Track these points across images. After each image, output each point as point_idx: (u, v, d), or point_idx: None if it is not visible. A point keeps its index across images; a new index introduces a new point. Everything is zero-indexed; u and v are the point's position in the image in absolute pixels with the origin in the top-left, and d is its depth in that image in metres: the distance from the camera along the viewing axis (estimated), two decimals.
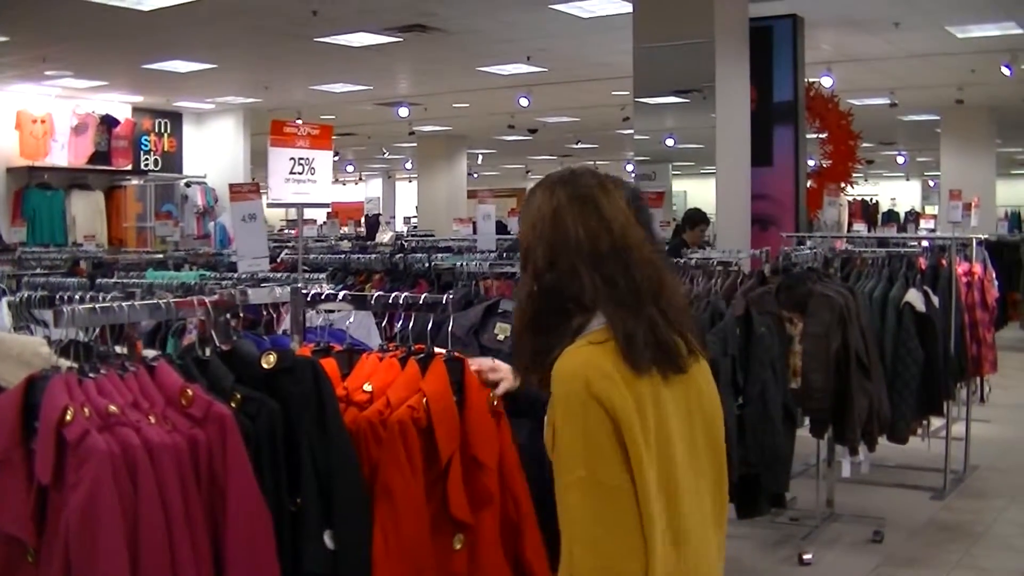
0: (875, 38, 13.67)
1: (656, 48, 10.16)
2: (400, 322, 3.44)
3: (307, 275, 6.23)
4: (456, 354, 3.20)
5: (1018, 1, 11.78)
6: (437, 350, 3.19)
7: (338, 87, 18.22)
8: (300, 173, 5.46)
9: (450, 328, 3.26)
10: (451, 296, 3.33)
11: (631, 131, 11.90)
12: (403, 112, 20.46)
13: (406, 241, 13.34)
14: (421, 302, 3.29)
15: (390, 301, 3.38)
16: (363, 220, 28.85)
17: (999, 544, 7.50)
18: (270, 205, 6.04)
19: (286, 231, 22.33)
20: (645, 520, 2.39)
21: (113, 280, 5.67)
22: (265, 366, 2.83)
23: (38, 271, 7.69)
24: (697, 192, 15.13)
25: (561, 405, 2.44)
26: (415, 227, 25.38)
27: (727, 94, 10.13)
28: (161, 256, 10.21)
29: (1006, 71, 14.87)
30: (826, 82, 14.24)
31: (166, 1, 11.41)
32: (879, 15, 12.33)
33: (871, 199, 35.87)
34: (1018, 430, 11.09)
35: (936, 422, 8.57)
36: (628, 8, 10.74)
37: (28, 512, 2.50)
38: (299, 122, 5.68)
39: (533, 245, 2.58)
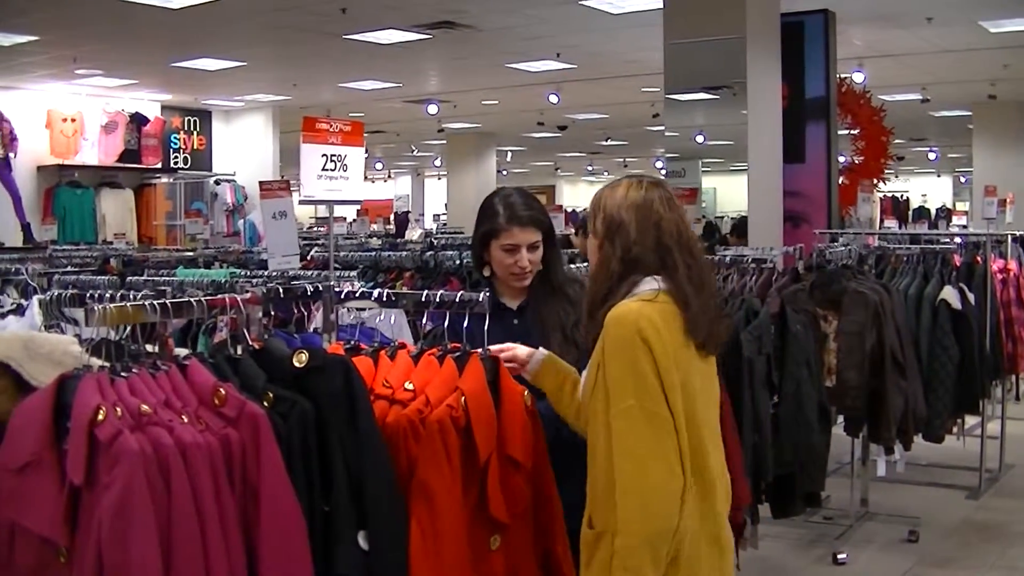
0: (907, 33, 13.55)
1: (687, 44, 10.08)
2: (433, 320, 3.41)
3: (338, 273, 6.21)
4: (491, 353, 3.17)
5: None
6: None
7: (367, 84, 18.20)
8: (332, 170, 5.43)
9: (487, 326, 3.21)
10: (487, 294, 3.28)
11: (660, 128, 11.82)
12: (432, 109, 20.43)
13: (435, 238, 13.31)
14: (457, 300, 3.25)
15: (423, 299, 3.34)
16: (392, 217, 28.85)
17: None
18: (302, 202, 6.01)
19: (315, 229, 22.35)
20: (683, 447, 2.92)
21: (144, 278, 5.66)
22: (297, 365, 2.80)
23: (68, 269, 7.70)
24: (726, 189, 15.07)
25: (614, 345, 2.95)
26: (444, 224, 25.36)
27: (759, 90, 10.05)
28: (191, 254, 10.22)
29: None
30: (857, 78, 14.15)
31: None
32: (912, 10, 12.22)
33: (902, 195, 35.65)
34: None
35: (970, 420, 8.48)
36: (658, 4, 10.66)
37: (60, 513, 2.48)
38: (331, 118, 5.64)
39: (624, 222, 3.11)
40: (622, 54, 14.99)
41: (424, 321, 3.50)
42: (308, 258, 8.90)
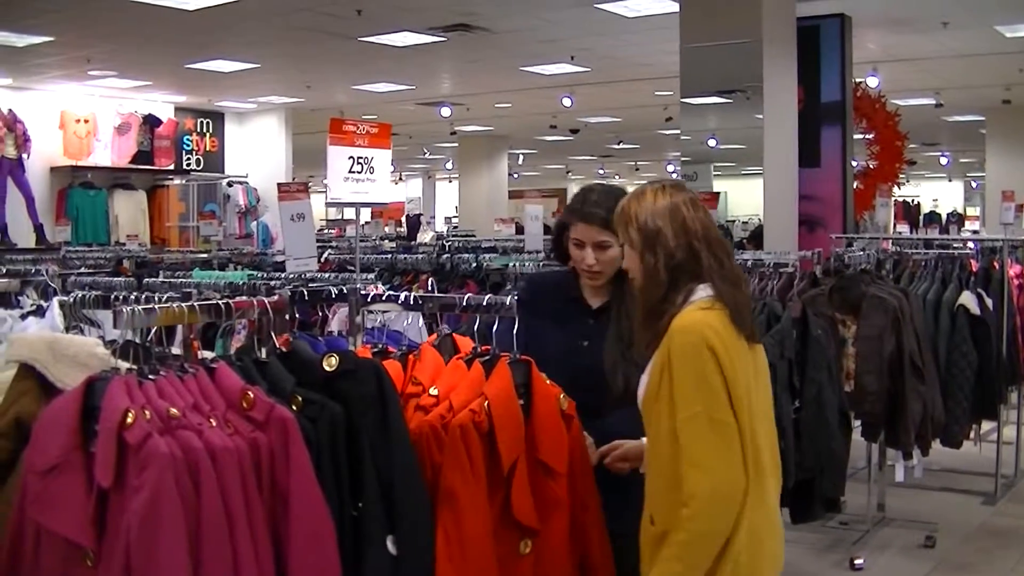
0: (923, 37, 13.52)
1: (703, 48, 10.07)
2: (449, 323, 3.40)
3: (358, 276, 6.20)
4: (523, 356, 3.15)
5: None
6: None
7: (380, 87, 18.19)
8: (359, 172, 5.41)
9: (515, 330, 3.19)
10: (516, 297, 3.27)
11: (672, 131, 11.81)
12: (445, 112, 20.43)
13: (447, 241, 13.31)
14: (485, 303, 3.24)
15: (456, 302, 3.33)
16: (404, 220, 28.86)
17: None
18: (329, 204, 6.00)
19: (326, 231, 22.35)
20: (743, 448, 2.99)
21: (160, 279, 5.66)
22: (327, 368, 2.79)
23: (82, 270, 7.70)
24: (737, 193, 15.04)
25: (680, 354, 3.00)
26: (456, 227, 25.36)
27: (775, 94, 10.03)
28: (205, 255, 10.22)
29: None
30: (872, 82, 14.10)
31: (211, 0, 11.39)
32: (927, 14, 12.18)
33: (913, 200, 35.58)
34: None
35: (986, 425, 8.44)
36: (673, 7, 10.66)
37: (88, 515, 2.46)
38: (365, 119, 5.61)
39: (660, 230, 3.15)
40: (636, 58, 14.97)
41: (440, 325, 3.47)
42: (323, 260, 8.90)
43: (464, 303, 3.32)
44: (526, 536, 3.06)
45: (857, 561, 6.98)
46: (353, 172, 5.38)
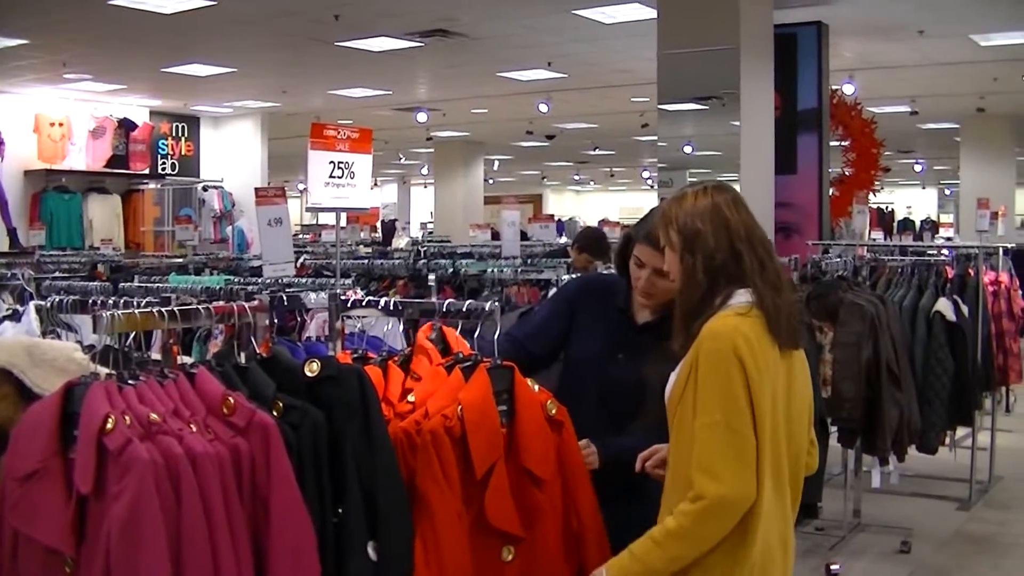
0: (899, 46, 13.59)
1: (680, 55, 10.08)
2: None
3: (333, 281, 6.18)
4: (505, 362, 3.14)
5: None
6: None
7: (357, 92, 18.18)
8: (340, 177, 5.38)
9: (496, 336, 3.18)
10: (497, 303, 3.26)
11: (648, 138, 11.82)
12: (421, 117, 20.41)
13: (423, 247, 13.31)
14: (465, 309, 3.23)
15: (435, 308, 3.32)
16: (379, 225, 28.83)
17: None
18: (309, 209, 5.98)
19: (300, 236, 22.30)
20: (760, 462, 2.95)
21: (136, 284, 5.63)
22: (308, 374, 2.77)
23: (57, 274, 7.66)
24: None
25: (708, 359, 2.97)
26: (431, 233, 25.36)
27: (752, 101, 10.05)
28: (181, 260, 10.19)
29: None
30: (848, 89, 14.16)
31: (188, 4, 11.36)
32: (904, 23, 12.24)
33: (887, 207, 35.73)
34: None
35: (960, 432, 8.49)
36: (651, 14, 10.67)
37: (67, 522, 2.44)
38: (340, 124, 5.58)
39: (700, 232, 3.12)
40: (613, 64, 15.00)
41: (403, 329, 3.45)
42: (299, 265, 8.87)
43: (444, 308, 3.30)
44: (508, 543, 3.04)
45: (833, 567, 6.99)
46: (334, 177, 5.36)
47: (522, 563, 3.07)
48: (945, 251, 9.42)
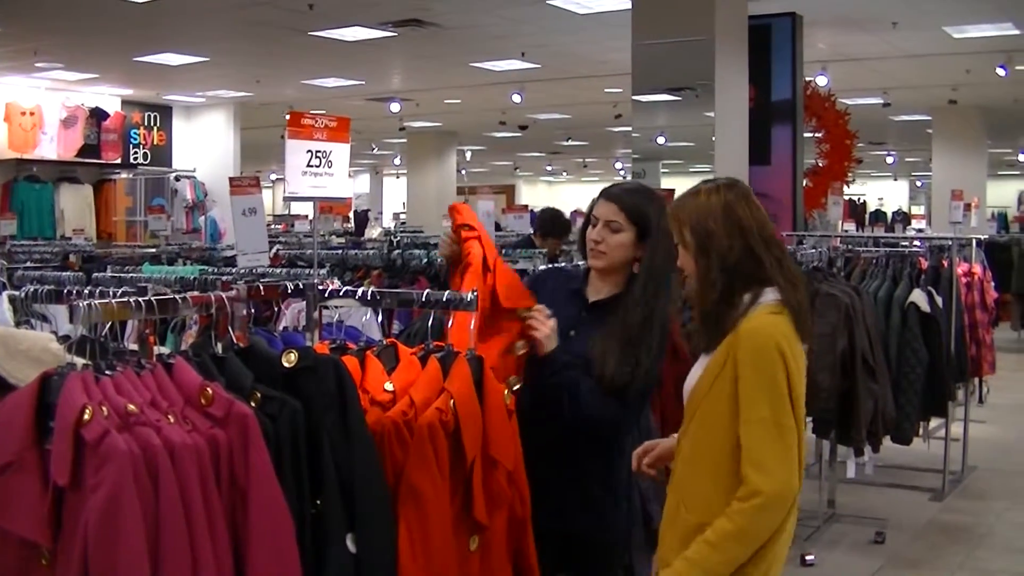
0: (872, 37, 13.62)
1: (655, 45, 10.07)
2: (400, 319, 3.37)
3: (309, 271, 6.14)
4: (476, 352, 3.13)
5: (1016, 2, 11.74)
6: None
7: (330, 82, 18.13)
8: (317, 166, 5.34)
9: (473, 326, 3.17)
10: (474, 293, 3.24)
11: (621, 129, 11.79)
12: (395, 108, 20.37)
13: (396, 237, 13.26)
14: (445, 299, 3.21)
15: (414, 298, 3.31)
16: (352, 215, 28.75)
17: (1002, 546, 7.47)
18: (287, 198, 5.94)
19: (273, 226, 22.21)
20: (800, 451, 3.03)
21: (109, 274, 5.58)
22: (286, 365, 2.76)
23: (29, 265, 7.60)
24: (684, 190, 15.07)
25: (752, 357, 3.02)
26: (403, 223, 25.29)
27: (726, 92, 10.05)
28: (154, 250, 10.12)
29: (1001, 72, 14.87)
30: (821, 81, 14.19)
31: None
32: (878, 14, 12.27)
33: (859, 199, 35.88)
34: (1013, 431, 11.09)
35: (934, 422, 8.52)
36: (625, 4, 10.65)
37: (43, 514, 2.41)
38: (320, 113, 5.53)
39: (713, 232, 3.13)
40: (587, 54, 14.99)
41: (380, 319, 3.44)
42: (273, 255, 8.82)
43: (423, 299, 3.29)
44: (475, 532, 3.05)
45: (808, 557, 7.02)
46: (311, 166, 5.32)
47: (482, 551, 3.09)
48: (917, 242, 9.44)
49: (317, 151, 5.33)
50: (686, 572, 3.02)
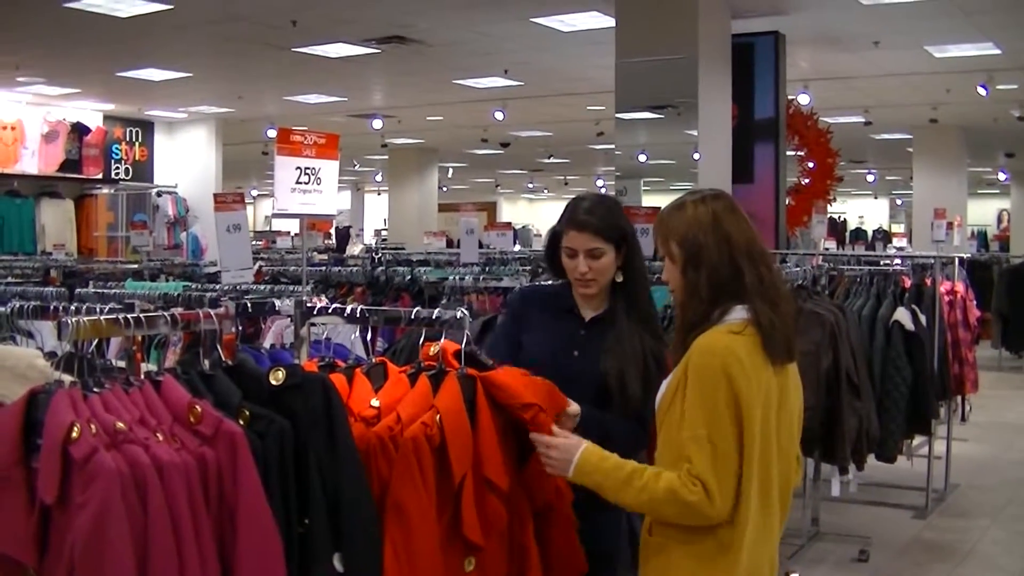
0: (854, 56, 13.66)
1: (638, 63, 10.08)
2: (383, 336, 3.36)
3: (291, 288, 6.13)
4: (469, 371, 3.12)
5: (997, 22, 11.80)
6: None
7: (312, 98, 18.09)
8: (306, 183, 5.33)
9: (464, 346, 3.15)
10: (465, 311, 3.23)
11: (603, 146, 11.80)
12: (376, 124, 20.33)
13: (378, 254, 13.24)
14: (435, 318, 3.20)
15: (402, 315, 3.29)
16: (333, 232, 28.71)
17: (984, 564, 7.48)
18: (275, 215, 5.92)
19: (254, 242, 22.17)
20: (746, 481, 2.95)
21: (91, 290, 5.57)
22: (274, 382, 2.74)
23: (9, 280, 7.57)
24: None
25: (697, 375, 2.97)
26: (385, 240, 25.27)
27: (709, 110, 10.07)
28: (136, 266, 10.10)
29: (982, 91, 14.91)
30: (803, 99, 14.23)
31: (144, 8, 11.26)
32: (860, 33, 12.31)
33: (839, 217, 35.99)
34: (995, 449, 11.12)
35: (916, 440, 8.54)
36: (609, 23, 10.67)
37: (29, 532, 2.40)
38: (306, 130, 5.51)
39: (703, 245, 3.08)
40: (569, 72, 14.99)
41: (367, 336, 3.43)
42: (256, 272, 8.81)
43: (411, 317, 3.27)
44: (471, 553, 3.03)
45: (792, 575, 7.00)
46: (300, 183, 5.30)
47: (479, 574, 3.05)
48: (898, 260, 9.47)
49: (306, 168, 5.31)
50: (597, 464, 3.07)
